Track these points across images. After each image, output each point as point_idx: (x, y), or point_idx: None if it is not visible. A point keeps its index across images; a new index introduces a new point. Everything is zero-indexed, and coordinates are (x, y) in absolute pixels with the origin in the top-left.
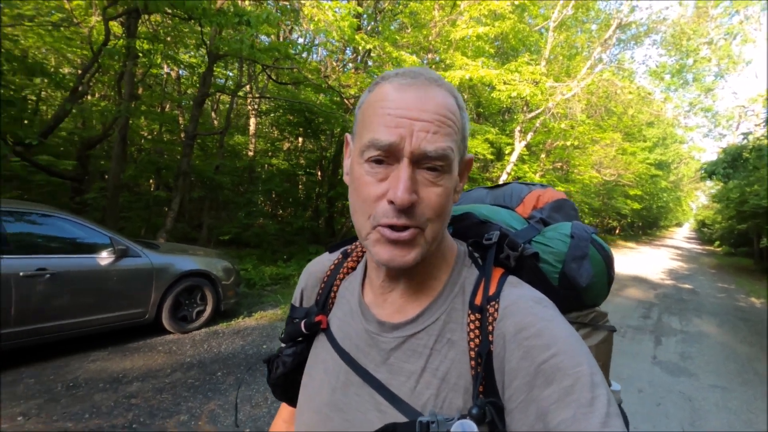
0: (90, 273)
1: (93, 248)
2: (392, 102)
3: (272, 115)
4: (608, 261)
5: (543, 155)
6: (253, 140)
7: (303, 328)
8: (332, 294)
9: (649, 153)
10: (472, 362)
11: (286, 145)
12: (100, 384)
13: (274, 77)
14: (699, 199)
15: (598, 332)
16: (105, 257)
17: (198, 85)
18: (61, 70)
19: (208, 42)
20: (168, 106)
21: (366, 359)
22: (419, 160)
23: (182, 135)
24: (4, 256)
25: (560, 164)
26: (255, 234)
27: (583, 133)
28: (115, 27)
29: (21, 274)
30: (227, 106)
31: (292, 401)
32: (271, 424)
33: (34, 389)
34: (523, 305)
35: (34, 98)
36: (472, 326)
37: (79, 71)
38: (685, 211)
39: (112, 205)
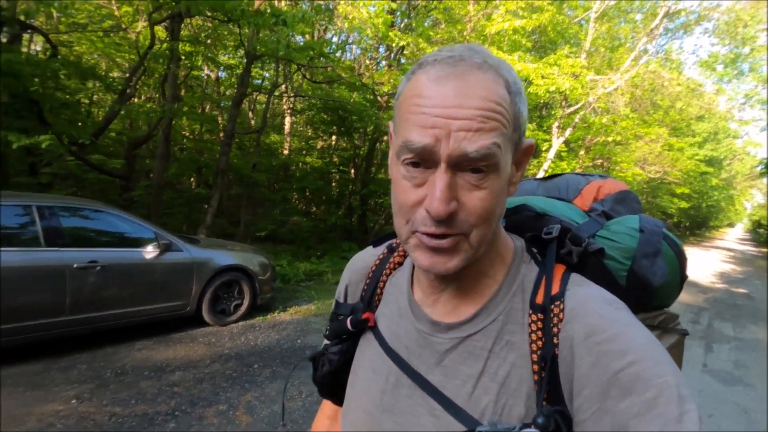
0: (136, 266)
1: (139, 242)
2: (427, 98)
3: (307, 113)
4: (681, 258)
5: (582, 152)
6: (288, 139)
7: (349, 326)
8: (378, 290)
9: (698, 149)
10: (535, 366)
11: (320, 144)
12: (146, 372)
13: (308, 76)
14: (755, 198)
15: (668, 336)
16: (150, 251)
17: (236, 86)
18: (111, 74)
19: (246, 43)
20: (208, 106)
21: (418, 361)
22: (459, 163)
23: (221, 134)
24: (61, 248)
25: (600, 161)
26: (289, 231)
27: (626, 129)
28: (160, 32)
29: (75, 265)
30: (263, 105)
31: (338, 400)
32: (314, 420)
33: (86, 375)
34: (592, 306)
35: (87, 101)
36: (533, 327)
37: (127, 75)
38: (738, 211)
39: (157, 202)
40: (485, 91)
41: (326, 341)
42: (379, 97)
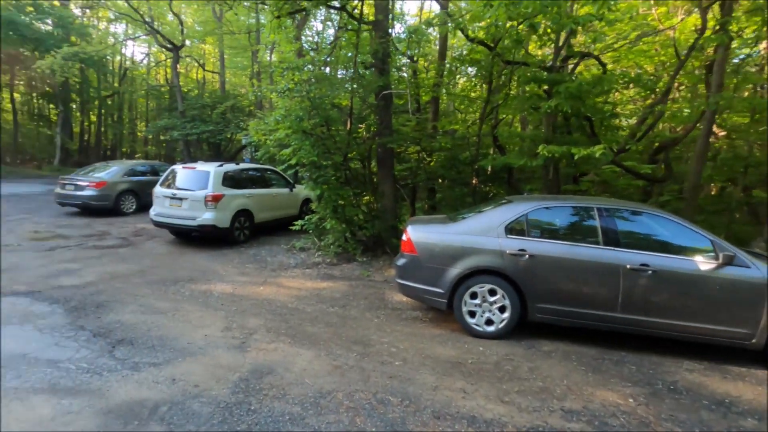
0: (689, 276)
1: (690, 251)
2: None
3: None
4: None
5: None
6: None
7: None
8: None
9: None
10: None
11: None
12: (704, 401)
13: None
14: None
15: None
16: (704, 261)
17: None
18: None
19: None
20: (756, 90)
21: None
22: None
23: None
24: (616, 248)
25: None
26: None
27: None
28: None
29: (628, 266)
30: None
31: None
32: None
33: (637, 377)
34: None
35: (615, 110)
36: None
37: (653, 77)
38: None
39: (689, 207)
40: None
41: None
42: None
